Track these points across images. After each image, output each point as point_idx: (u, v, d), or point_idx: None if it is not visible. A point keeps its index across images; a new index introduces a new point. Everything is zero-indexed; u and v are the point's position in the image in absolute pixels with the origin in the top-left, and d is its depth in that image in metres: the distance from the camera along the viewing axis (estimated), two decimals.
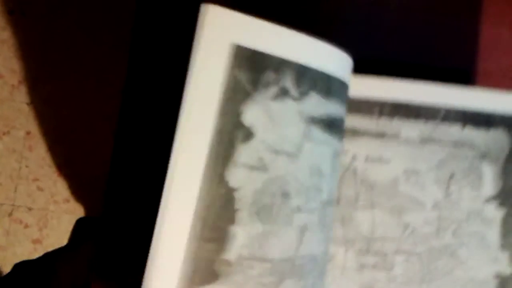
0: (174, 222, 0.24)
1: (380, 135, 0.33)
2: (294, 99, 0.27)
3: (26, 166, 0.97)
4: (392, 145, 0.33)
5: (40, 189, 0.97)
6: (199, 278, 0.25)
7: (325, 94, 0.28)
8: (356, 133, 0.34)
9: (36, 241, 0.95)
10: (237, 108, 0.26)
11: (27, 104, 0.98)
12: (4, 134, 0.98)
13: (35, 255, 0.94)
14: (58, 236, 0.95)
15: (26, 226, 0.96)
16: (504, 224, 0.33)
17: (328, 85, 0.28)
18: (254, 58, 0.26)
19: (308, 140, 0.28)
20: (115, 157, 0.36)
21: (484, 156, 0.33)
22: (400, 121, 0.33)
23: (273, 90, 0.26)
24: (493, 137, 0.33)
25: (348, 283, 0.33)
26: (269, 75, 0.26)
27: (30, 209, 0.96)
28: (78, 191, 0.97)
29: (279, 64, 0.26)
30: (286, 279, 0.26)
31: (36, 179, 0.97)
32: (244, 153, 0.25)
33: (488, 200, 0.33)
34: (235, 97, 0.25)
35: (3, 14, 0.99)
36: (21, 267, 0.35)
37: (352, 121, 0.34)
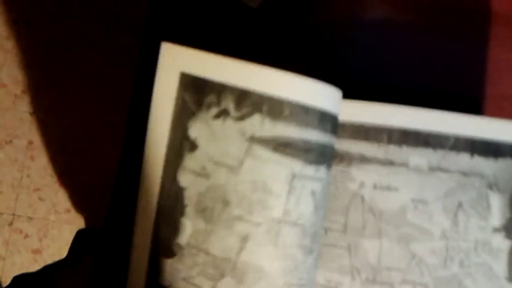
0: (145, 209, 0.31)
1: (389, 163, 0.33)
2: (235, 119, 0.30)
3: (28, 176, 0.97)
4: (401, 173, 0.33)
5: (41, 199, 0.96)
6: (162, 252, 0.31)
7: (273, 117, 0.30)
8: (364, 160, 0.33)
9: (36, 251, 0.95)
10: (185, 124, 0.31)
11: (30, 113, 0.98)
12: (6, 143, 0.97)
13: (35, 266, 0.94)
14: (58, 246, 0.95)
15: (26, 236, 0.95)
16: (510, 256, 0.33)
17: (280, 109, 0.30)
18: (197, 83, 0.31)
19: (251, 157, 0.30)
20: (121, 169, 0.36)
21: (492, 186, 0.33)
22: (408, 149, 0.33)
23: (214, 110, 0.31)
24: (502, 167, 0.33)
25: None
26: (211, 98, 0.31)
27: (30, 219, 0.96)
28: (79, 202, 0.97)
29: (221, 88, 0.31)
30: (227, 276, 0.29)
31: (37, 189, 0.97)
32: (190, 161, 0.31)
33: (495, 230, 0.33)
34: (182, 114, 0.31)
35: (7, 24, 0.99)
36: (20, 280, 0.35)
37: (360, 148, 0.33)
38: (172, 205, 0.31)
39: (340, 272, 0.33)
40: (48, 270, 0.34)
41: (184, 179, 0.31)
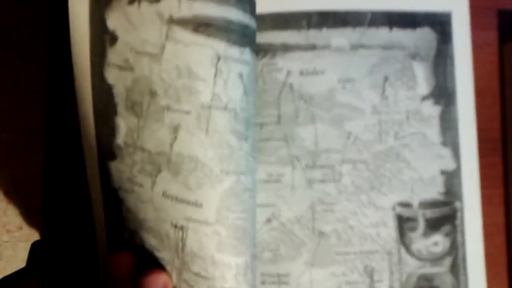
0: (84, 115, 0.31)
1: (311, 47, 0.33)
2: (150, 1, 0.29)
3: None
4: (324, 56, 0.33)
5: None
6: (106, 156, 0.30)
7: None
8: (287, 48, 0.33)
9: None
10: (102, 16, 0.30)
11: None
12: None
13: None
14: (16, 266, 0.90)
15: None
16: (442, 121, 0.33)
17: None
18: None
19: (172, 41, 0.29)
20: (46, 176, 0.35)
21: (414, 56, 0.33)
22: (328, 31, 0.33)
23: None
24: (421, 36, 0.33)
25: (299, 201, 0.33)
26: None
27: None
28: (30, 217, 0.93)
29: None
30: (163, 170, 0.29)
31: None
32: (113, 54, 0.30)
33: (424, 98, 0.33)
34: (98, 6, 0.30)
35: None
36: None
37: (282, 37, 0.33)
38: (105, 106, 0.30)
39: (280, 164, 0.33)
40: (6, 280, 0.33)
41: (111, 75, 0.30)
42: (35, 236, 0.91)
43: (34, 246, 0.35)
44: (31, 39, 0.96)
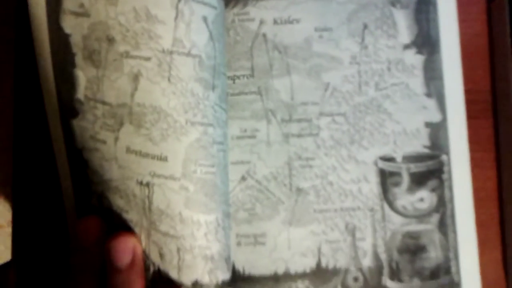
0: (43, 71, 0.29)
1: None
2: None
3: None
4: (300, 3, 0.31)
5: None
6: (68, 113, 0.28)
7: None
8: None
9: None
10: None
11: None
12: None
13: None
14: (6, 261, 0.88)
15: None
16: (425, 71, 0.31)
17: None
18: None
19: None
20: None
21: (394, 2, 0.32)
22: None
23: None
24: None
25: (275, 157, 0.31)
26: None
27: None
28: None
29: None
30: (126, 123, 0.27)
31: None
32: (68, 0, 0.28)
33: (406, 47, 0.32)
34: None
35: None
36: None
37: None
38: (63, 57, 0.28)
39: (254, 118, 0.31)
40: None
41: (67, 24, 0.28)
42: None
43: None
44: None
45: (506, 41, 0.32)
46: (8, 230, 0.31)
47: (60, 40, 0.28)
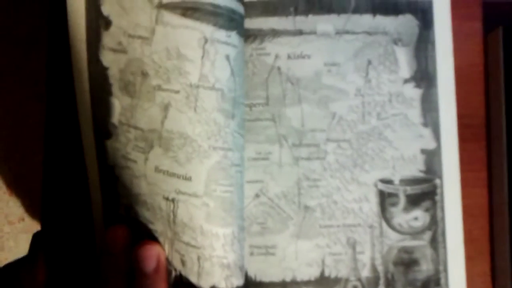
0: (81, 96, 0.33)
1: (299, 33, 0.35)
2: None
3: None
4: (311, 41, 0.35)
5: None
6: (102, 135, 0.33)
7: None
8: (275, 34, 0.35)
9: None
10: (97, 2, 0.32)
11: None
12: None
13: None
14: (17, 257, 0.91)
15: None
16: (422, 103, 0.35)
17: None
18: None
19: (161, 24, 0.31)
20: (46, 167, 0.37)
21: (396, 41, 0.35)
22: (315, 17, 0.35)
23: None
24: (403, 23, 0.35)
25: (286, 177, 0.35)
26: None
27: None
28: (32, 208, 0.94)
29: None
30: (155, 146, 0.31)
31: None
32: (107, 38, 0.32)
33: (406, 81, 0.35)
34: None
35: None
36: None
37: (271, 23, 0.35)
38: (100, 87, 0.32)
39: (268, 142, 0.35)
40: (10, 267, 0.35)
41: (106, 58, 0.32)
42: (36, 227, 0.92)
43: (36, 237, 0.37)
44: (32, 33, 0.98)
45: (499, 71, 0.36)
46: (19, 226, 0.34)
47: (99, 71, 0.32)
